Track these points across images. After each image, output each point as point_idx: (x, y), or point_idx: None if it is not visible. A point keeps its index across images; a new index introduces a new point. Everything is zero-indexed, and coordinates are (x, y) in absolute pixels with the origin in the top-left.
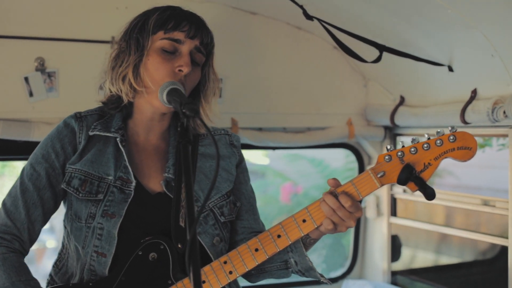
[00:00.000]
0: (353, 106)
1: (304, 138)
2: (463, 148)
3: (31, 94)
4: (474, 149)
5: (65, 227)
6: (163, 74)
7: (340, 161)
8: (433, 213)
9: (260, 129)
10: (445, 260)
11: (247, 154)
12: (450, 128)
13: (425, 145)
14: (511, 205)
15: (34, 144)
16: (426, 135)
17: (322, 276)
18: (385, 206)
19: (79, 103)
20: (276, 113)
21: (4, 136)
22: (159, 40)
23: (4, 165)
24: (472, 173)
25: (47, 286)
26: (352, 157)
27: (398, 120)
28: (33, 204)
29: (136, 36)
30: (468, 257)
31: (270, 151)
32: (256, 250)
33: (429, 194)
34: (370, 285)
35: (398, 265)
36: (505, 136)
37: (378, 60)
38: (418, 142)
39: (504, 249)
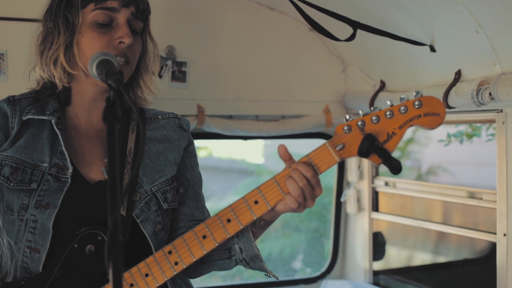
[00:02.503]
0: (330, 92)
1: (277, 126)
2: (430, 114)
3: None
4: (442, 115)
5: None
6: (99, 50)
7: None
8: (418, 208)
9: (230, 117)
10: (432, 258)
11: (215, 143)
12: (415, 93)
13: (388, 113)
14: (499, 197)
15: None
16: (389, 102)
17: (269, 270)
18: (366, 201)
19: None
20: (247, 100)
21: None
22: (91, 12)
23: None
24: (468, 171)
25: None
26: None
27: (375, 105)
28: None
29: (64, 13)
30: (456, 255)
31: (265, 149)
32: (204, 237)
33: (394, 166)
34: (350, 286)
35: (381, 264)
36: (492, 121)
37: (352, 38)
38: (380, 110)
39: (493, 246)
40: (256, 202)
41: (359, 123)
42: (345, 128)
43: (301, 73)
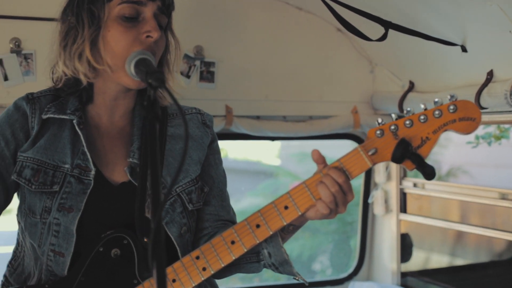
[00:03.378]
0: (358, 93)
1: (305, 127)
2: (466, 119)
3: (6, 78)
4: (478, 120)
5: (18, 222)
6: (126, 44)
7: None
8: (447, 210)
9: (258, 118)
10: (460, 260)
11: (244, 144)
12: (449, 97)
13: (422, 117)
14: None
15: None
16: (422, 106)
17: (298, 274)
18: (394, 202)
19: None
20: (275, 101)
21: None
22: (117, 6)
23: None
24: (488, 173)
25: None
26: None
27: (408, 108)
28: None
29: (88, 7)
30: (484, 257)
31: (281, 152)
32: (233, 242)
33: (428, 172)
34: (377, 287)
35: (409, 266)
36: None
37: (383, 38)
38: (413, 114)
39: None
40: (286, 208)
41: (392, 127)
42: (378, 132)
43: (329, 74)
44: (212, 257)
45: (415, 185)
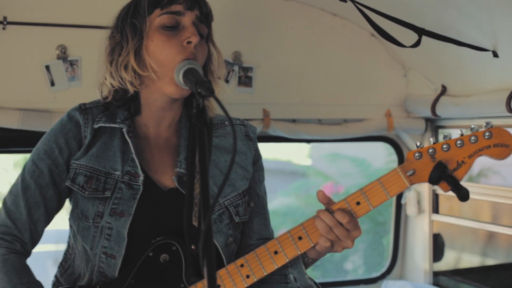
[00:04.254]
0: (392, 96)
1: (340, 130)
2: (500, 145)
3: (52, 84)
4: (511, 147)
5: (71, 226)
6: (170, 52)
7: (381, 161)
8: (478, 210)
9: (294, 121)
10: (491, 260)
11: (281, 147)
12: (485, 124)
13: (459, 142)
14: None
15: None
16: (459, 132)
17: None
18: (427, 203)
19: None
20: (310, 104)
21: (24, 127)
22: (158, 18)
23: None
24: None
25: None
26: (394, 157)
27: (440, 111)
28: (35, 203)
29: (131, 21)
30: None
31: (312, 152)
32: (276, 252)
33: (463, 195)
34: (410, 286)
35: (441, 266)
36: None
37: (417, 44)
38: (450, 139)
39: None
40: (300, 238)
41: (430, 150)
42: (416, 154)
43: (363, 78)
44: (255, 266)
45: None
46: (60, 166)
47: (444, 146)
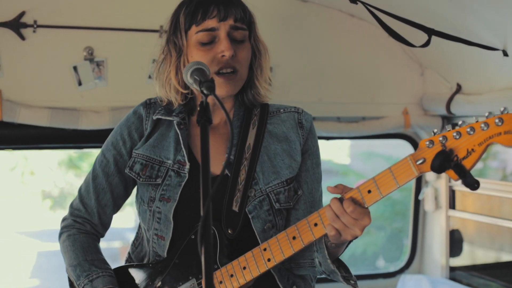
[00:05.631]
0: (409, 95)
1: (358, 128)
2: (511, 132)
3: (79, 83)
4: None
5: (137, 209)
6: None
7: None
8: (495, 206)
9: (313, 119)
10: (507, 256)
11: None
12: (502, 109)
13: (469, 129)
14: None
15: (82, 132)
16: (475, 118)
17: (347, 280)
18: (444, 199)
19: (127, 92)
20: (329, 103)
21: (52, 124)
22: (195, 35)
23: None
24: None
25: (125, 264)
26: None
27: (454, 109)
28: (102, 189)
29: (172, 39)
30: None
31: (351, 151)
32: (294, 238)
33: (469, 183)
34: (427, 280)
35: (458, 261)
36: None
37: (426, 44)
38: (462, 126)
39: None
40: (315, 224)
41: (441, 138)
42: (427, 142)
43: (381, 77)
44: (276, 250)
45: None
46: (124, 156)
47: (455, 134)
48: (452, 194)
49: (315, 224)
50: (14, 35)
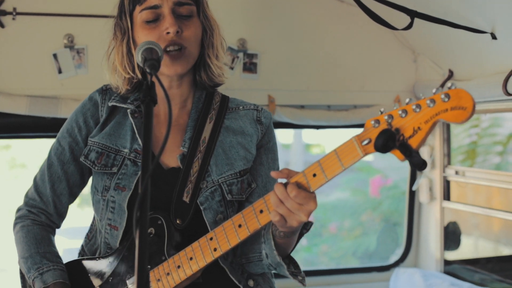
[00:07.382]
0: (401, 82)
1: (348, 116)
2: (457, 108)
3: (60, 71)
4: (469, 109)
5: (92, 199)
6: None
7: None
8: (491, 197)
9: (302, 107)
10: (506, 249)
11: (285, 132)
12: (449, 85)
13: (415, 106)
14: None
15: (62, 120)
16: (422, 95)
17: (294, 275)
18: (438, 190)
19: (108, 80)
20: (317, 91)
21: (31, 113)
22: (139, 14)
23: None
24: None
25: (78, 257)
26: None
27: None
28: (57, 178)
29: (117, 22)
30: None
31: None
32: (240, 226)
33: (415, 162)
34: (420, 274)
35: (453, 254)
36: None
37: (409, 27)
38: (408, 104)
39: None
40: (261, 211)
41: (386, 117)
42: (373, 122)
43: (372, 64)
44: (222, 239)
45: (456, 172)
46: (79, 143)
47: (400, 112)
48: (447, 184)
49: (261, 211)
50: None
